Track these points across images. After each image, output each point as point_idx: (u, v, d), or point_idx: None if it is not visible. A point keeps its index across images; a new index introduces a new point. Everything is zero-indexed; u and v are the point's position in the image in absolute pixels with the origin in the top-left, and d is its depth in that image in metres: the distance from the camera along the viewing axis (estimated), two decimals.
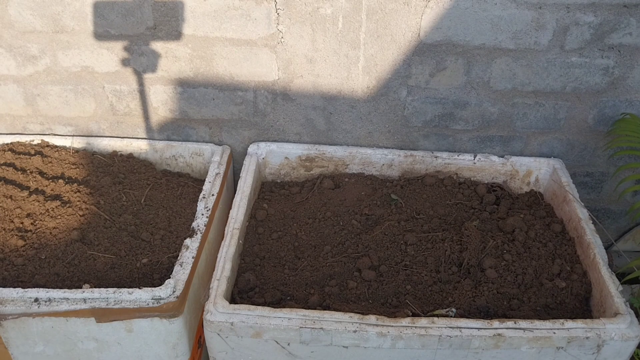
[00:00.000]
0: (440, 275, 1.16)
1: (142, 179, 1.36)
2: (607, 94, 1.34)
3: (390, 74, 1.32)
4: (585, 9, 1.20)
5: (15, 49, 1.31)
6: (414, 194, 1.38)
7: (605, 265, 1.13)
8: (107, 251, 1.14)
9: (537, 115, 1.38)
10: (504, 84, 1.33)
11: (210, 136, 1.46)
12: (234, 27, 1.26)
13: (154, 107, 1.41)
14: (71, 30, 1.28)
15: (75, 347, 1.07)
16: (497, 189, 1.41)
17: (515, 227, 1.27)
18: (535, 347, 1.01)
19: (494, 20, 1.22)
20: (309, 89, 1.35)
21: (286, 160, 1.44)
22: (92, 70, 1.35)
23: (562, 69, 1.30)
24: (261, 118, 1.41)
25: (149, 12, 1.24)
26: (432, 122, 1.40)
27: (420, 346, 1.00)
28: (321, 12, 1.23)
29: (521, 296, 1.13)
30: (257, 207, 1.34)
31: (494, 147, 1.45)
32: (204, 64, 1.32)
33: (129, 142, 1.44)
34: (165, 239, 1.19)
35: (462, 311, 1.09)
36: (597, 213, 1.58)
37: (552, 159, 1.43)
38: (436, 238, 1.24)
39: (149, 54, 1.31)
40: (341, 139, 1.44)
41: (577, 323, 1.02)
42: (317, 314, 1.01)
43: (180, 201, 1.31)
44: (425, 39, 1.25)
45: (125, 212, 1.25)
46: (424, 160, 1.42)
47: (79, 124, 1.45)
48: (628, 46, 1.26)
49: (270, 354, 1.03)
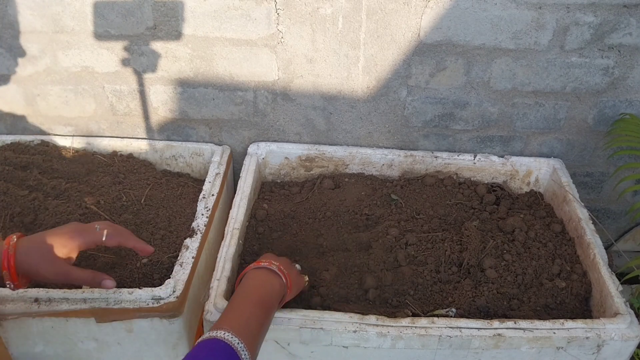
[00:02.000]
0: (440, 275, 1.16)
1: (142, 179, 1.36)
2: (607, 94, 1.34)
3: (390, 74, 1.32)
4: (585, 9, 1.20)
5: (15, 49, 1.31)
6: (414, 194, 1.38)
7: (605, 265, 1.13)
8: (107, 251, 1.14)
9: (537, 115, 1.38)
10: (504, 84, 1.33)
11: (210, 136, 1.46)
12: (234, 27, 1.26)
13: (154, 107, 1.41)
14: (71, 30, 1.28)
15: (75, 347, 1.07)
16: (497, 189, 1.41)
17: (515, 227, 1.27)
18: (535, 347, 1.01)
19: (494, 20, 1.22)
20: (309, 89, 1.35)
21: (286, 160, 1.44)
22: (92, 70, 1.35)
23: (562, 69, 1.30)
24: (261, 118, 1.41)
25: (149, 12, 1.24)
26: (432, 122, 1.40)
27: (420, 346, 1.00)
28: (321, 12, 1.23)
29: (521, 296, 1.13)
30: (257, 207, 1.34)
31: (494, 147, 1.45)
32: (204, 64, 1.32)
33: (129, 142, 1.44)
34: (165, 238, 1.19)
35: (462, 311, 1.09)
36: (597, 213, 1.58)
37: (552, 159, 1.43)
38: (436, 238, 1.24)
39: (149, 54, 1.31)
40: (341, 139, 1.44)
41: (577, 323, 1.02)
42: (317, 314, 1.01)
43: (180, 201, 1.31)
44: (425, 39, 1.26)
45: (125, 212, 1.25)
46: (424, 160, 1.43)
47: (79, 124, 1.45)
48: (628, 46, 1.26)
49: (270, 354, 1.03)
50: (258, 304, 0.89)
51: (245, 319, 0.85)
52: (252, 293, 0.92)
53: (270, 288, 0.94)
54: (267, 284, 0.94)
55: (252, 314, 0.87)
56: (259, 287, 0.93)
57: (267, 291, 0.93)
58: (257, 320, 0.86)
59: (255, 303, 0.89)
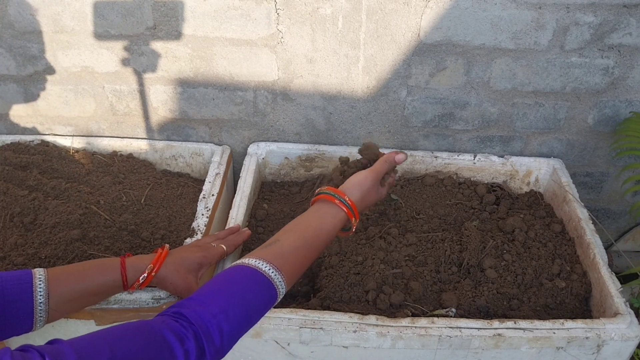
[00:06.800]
0: (440, 275, 1.16)
1: (142, 179, 1.36)
2: (607, 94, 1.34)
3: (390, 74, 1.32)
4: (585, 9, 1.20)
5: (15, 49, 1.31)
6: (413, 194, 1.38)
7: (605, 265, 1.13)
8: (107, 250, 1.14)
9: (537, 115, 1.38)
10: (504, 84, 1.33)
11: (210, 136, 1.46)
12: (234, 27, 1.26)
13: (154, 107, 1.41)
14: (71, 30, 1.28)
15: None
16: (497, 189, 1.41)
17: (515, 227, 1.27)
18: (535, 347, 1.01)
19: (493, 20, 1.22)
20: (309, 89, 1.35)
21: (286, 160, 1.44)
22: (92, 70, 1.35)
23: (562, 69, 1.30)
24: (261, 118, 1.41)
25: (149, 12, 1.24)
26: (432, 122, 1.40)
27: (420, 346, 1.00)
28: (321, 12, 1.23)
29: (521, 296, 1.13)
30: (257, 207, 1.34)
31: (494, 147, 1.45)
32: (204, 64, 1.32)
33: (129, 142, 1.44)
34: (165, 238, 1.19)
35: (462, 311, 1.09)
36: (597, 213, 1.58)
37: (552, 159, 1.43)
38: (436, 238, 1.24)
39: (149, 54, 1.31)
40: (341, 139, 1.44)
41: (577, 323, 1.02)
42: (317, 314, 1.01)
43: (180, 201, 1.31)
44: (425, 39, 1.26)
45: (126, 211, 1.25)
46: (423, 160, 1.43)
47: (79, 124, 1.45)
48: (628, 46, 1.26)
49: (270, 354, 1.03)
50: (297, 237, 0.87)
51: (278, 247, 0.84)
52: (292, 227, 0.90)
53: (317, 221, 0.91)
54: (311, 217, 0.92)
55: (289, 244, 0.85)
56: (302, 222, 0.92)
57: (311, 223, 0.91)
58: (290, 244, 0.85)
59: (296, 236, 0.87)
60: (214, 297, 0.73)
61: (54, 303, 0.83)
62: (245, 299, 0.75)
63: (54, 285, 0.84)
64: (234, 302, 0.74)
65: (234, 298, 0.74)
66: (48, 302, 0.83)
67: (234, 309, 0.73)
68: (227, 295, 0.74)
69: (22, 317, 0.81)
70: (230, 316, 0.72)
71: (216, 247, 1.04)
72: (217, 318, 0.71)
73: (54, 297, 0.83)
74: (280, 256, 0.82)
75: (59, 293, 0.84)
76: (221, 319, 0.71)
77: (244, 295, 0.75)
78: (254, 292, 0.76)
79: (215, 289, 0.75)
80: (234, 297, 0.74)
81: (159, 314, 0.72)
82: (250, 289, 0.77)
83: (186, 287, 0.96)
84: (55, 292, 0.84)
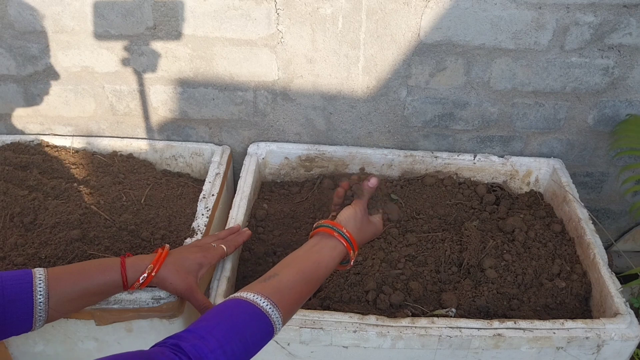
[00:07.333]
0: (440, 275, 1.16)
1: (142, 179, 1.36)
2: (607, 94, 1.34)
3: (390, 74, 1.32)
4: (585, 9, 1.20)
5: (15, 49, 1.31)
6: (414, 194, 1.38)
7: (605, 265, 1.13)
8: (107, 250, 1.14)
9: (537, 115, 1.38)
10: (504, 84, 1.33)
11: (210, 136, 1.46)
12: (234, 27, 1.26)
13: (154, 107, 1.41)
14: (71, 30, 1.28)
15: (75, 347, 1.07)
16: (497, 189, 1.41)
17: (515, 227, 1.27)
18: (535, 347, 1.01)
19: (494, 20, 1.22)
20: (309, 89, 1.35)
21: (286, 160, 1.44)
22: (92, 70, 1.35)
23: (562, 69, 1.30)
24: (261, 118, 1.41)
25: (149, 12, 1.24)
26: (432, 122, 1.40)
27: (420, 346, 1.00)
28: (321, 12, 1.23)
29: (521, 296, 1.13)
30: (257, 207, 1.34)
31: (494, 147, 1.45)
32: (204, 64, 1.32)
33: (129, 142, 1.44)
34: (165, 238, 1.19)
35: (462, 311, 1.09)
36: (597, 213, 1.58)
37: (552, 159, 1.43)
38: (436, 238, 1.24)
39: (149, 54, 1.31)
40: (341, 139, 1.44)
41: (577, 323, 1.02)
42: (316, 314, 1.01)
43: (180, 201, 1.31)
44: (425, 39, 1.26)
45: (126, 211, 1.25)
46: (423, 160, 1.43)
47: (79, 124, 1.45)
48: (628, 46, 1.26)
49: (270, 354, 1.03)
50: (296, 272, 0.86)
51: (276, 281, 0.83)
52: (290, 260, 0.89)
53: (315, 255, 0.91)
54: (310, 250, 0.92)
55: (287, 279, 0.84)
56: (300, 255, 0.91)
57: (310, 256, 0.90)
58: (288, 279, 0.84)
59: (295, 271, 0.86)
60: (212, 331, 0.73)
61: (54, 303, 0.84)
62: (243, 334, 0.75)
63: (54, 285, 0.84)
64: (231, 337, 0.73)
65: (231, 333, 0.74)
66: (48, 302, 0.83)
67: (231, 344, 0.73)
68: (225, 329, 0.74)
69: (21, 316, 0.81)
70: (227, 352, 0.72)
71: (216, 247, 1.04)
72: (214, 353, 0.71)
73: (54, 297, 0.84)
74: (279, 291, 0.82)
75: (59, 293, 0.85)
76: (219, 354, 0.71)
77: (241, 330, 0.75)
78: (251, 328, 0.76)
79: (214, 323, 0.74)
80: (231, 332, 0.74)
81: (157, 345, 0.72)
82: (248, 324, 0.76)
83: (186, 288, 0.96)
84: (55, 292, 0.84)
